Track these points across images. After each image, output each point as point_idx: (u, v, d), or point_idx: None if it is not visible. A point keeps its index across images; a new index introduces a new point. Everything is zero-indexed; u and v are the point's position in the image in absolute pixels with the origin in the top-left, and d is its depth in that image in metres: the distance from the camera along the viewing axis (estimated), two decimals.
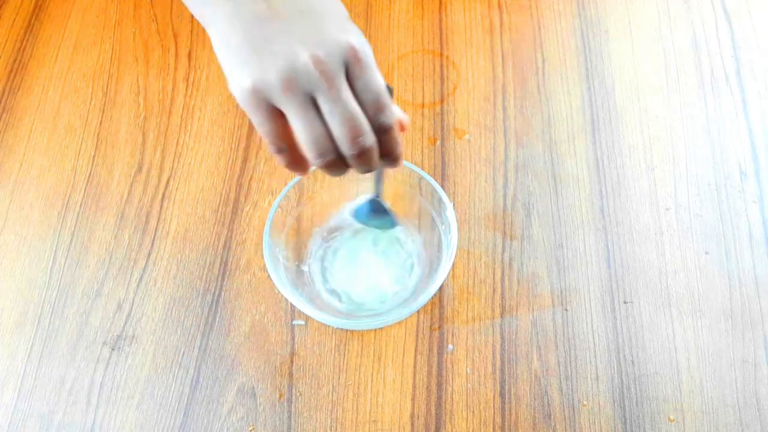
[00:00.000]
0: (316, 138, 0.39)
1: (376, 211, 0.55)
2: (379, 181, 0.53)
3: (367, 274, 0.59)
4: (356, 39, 0.39)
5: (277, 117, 0.39)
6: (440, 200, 0.56)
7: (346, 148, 0.39)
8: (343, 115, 0.38)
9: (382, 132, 0.41)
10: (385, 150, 0.42)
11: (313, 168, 0.43)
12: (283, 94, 0.38)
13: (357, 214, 0.56)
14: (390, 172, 0.58)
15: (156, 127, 0.68)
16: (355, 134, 0.39)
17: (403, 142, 0.43)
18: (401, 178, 0.59)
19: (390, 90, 0.43)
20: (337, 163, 0.41)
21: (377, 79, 0.39)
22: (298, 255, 0.60)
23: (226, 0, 0.39)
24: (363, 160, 0.41)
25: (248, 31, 0.38)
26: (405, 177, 0.59)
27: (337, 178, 0.60)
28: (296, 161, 0.42)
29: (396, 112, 0.42)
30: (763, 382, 0.55)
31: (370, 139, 0.40)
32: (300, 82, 0.37)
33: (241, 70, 0.38)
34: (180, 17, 0.75)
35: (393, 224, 0.56)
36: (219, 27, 0.40)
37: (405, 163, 0.57)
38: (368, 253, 0.61)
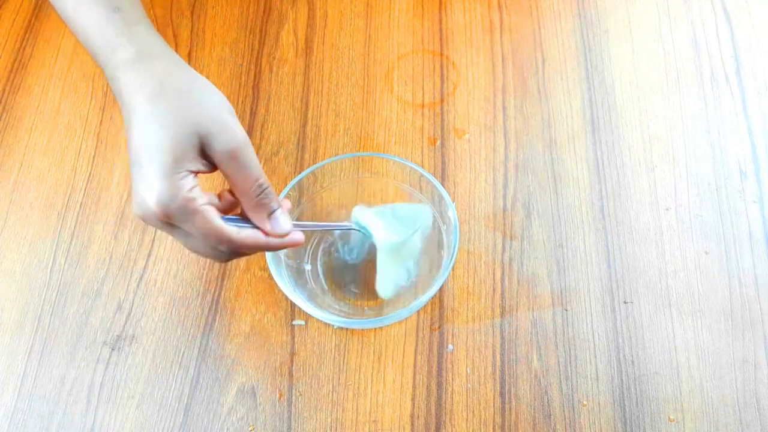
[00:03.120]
0: (195, 251, 0.44)
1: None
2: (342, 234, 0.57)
3: (366, 273, 0.59)
4: (156, 202, 0.40)
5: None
6: (441, 198, 0.56)
7: (218, 261, 0.49)
8: (187, 247, 0.44)
9: (237, 249, 0.44)
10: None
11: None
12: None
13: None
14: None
15: None
16: (205, 258, 0.46)
17: (272, 240, 0.46)
18: (402, 175, 0.59)
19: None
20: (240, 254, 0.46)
21: (198, 225, 0.41)
22: (299, 253, 0.60)
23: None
24: (241, 257, 0.48)
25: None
26: (406, 176, 0.59)
27: (337, 180, 0.60)
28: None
29: (242, 236, 0.44)
30: (763, 382, 0.55)
31: (221, 259, 0.45)
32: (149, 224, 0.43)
33: None
34: (180, 17, 0.75)
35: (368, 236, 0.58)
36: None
37: (407, 162, 0.57)
38: (368, 252, 0.61)
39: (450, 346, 0.57)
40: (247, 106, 0.69)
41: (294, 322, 0.58)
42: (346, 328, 0.58)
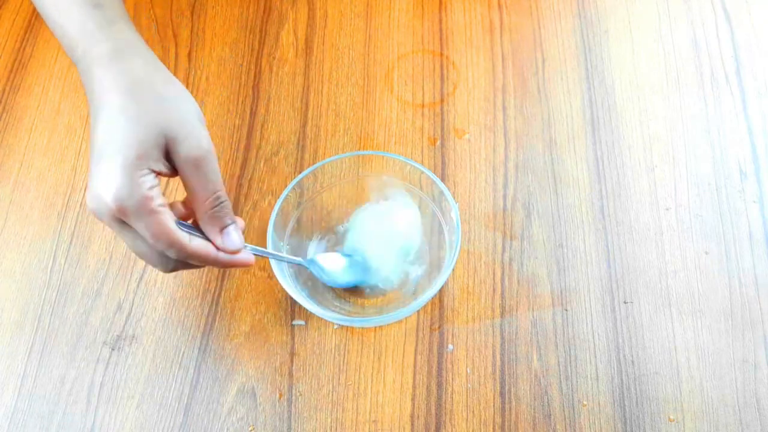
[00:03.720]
0: (139, 254, 0.44)
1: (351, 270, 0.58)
2: (319, 273, 0.56)
3: (366, 272, 0.59)
4: (114, 196, 0.40)
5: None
6: (442, 198, 0.56)
7: (161, 269, 0.45)
8: (132, 250, 0.44)
9: (184, 261, 0.44)
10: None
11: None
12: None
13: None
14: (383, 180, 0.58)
15: None
16: (152, 264, 0.44)
17: (220, 256, 0.46)
18: (403, 175, 0.59)
19: None
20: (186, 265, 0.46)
21: (152, 226, 0.41)
22: (300, 250, 0.60)
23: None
24: (191, 268, 0.47)
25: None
26: (406, 175, 0.59)
27: (337, 180, 0.60)
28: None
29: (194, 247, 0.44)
30: (763, 382, 0.55)
31: (167, 267, 0.45)
32: (99, 220, 0.42)
33: None
34: (180, 17, 0.75)
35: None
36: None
37: (408, 161, 0.57)
38: (369, 251, 0.60)
39: (450, 346, 0.57)
40: (247, 106, 0.69)
41: (294, 322, 0.58)
42: (346, 328, 0.58)
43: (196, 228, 0.45)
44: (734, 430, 0.53)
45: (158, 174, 0.42)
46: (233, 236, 0.45)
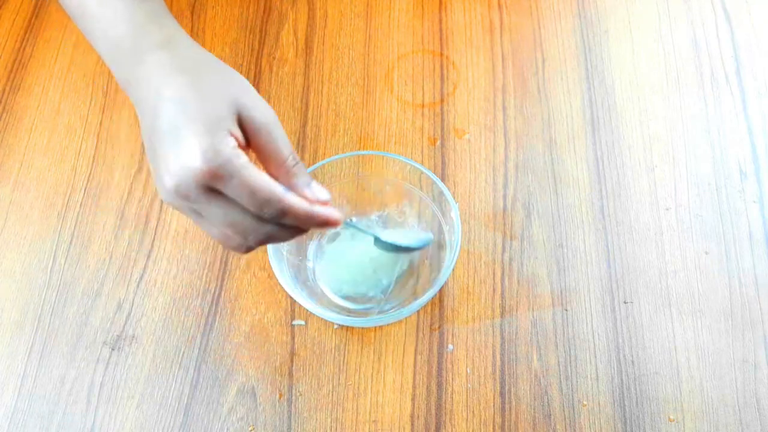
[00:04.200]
0: (218, 239, 0.42)
1: (391, 247, 0.56)
2: (361, 230, 0.54)
3: (366, 271, 0.59)
4: (207, 157, 0.38)
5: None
6: (442, 197, 0.56)
7: (244, 244, 0.42)
8: (220, 226, 0.41)
9: (279, 219, 0.42)
10: (298, 225, 0.43)
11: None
12: (175, 207, 0.41)
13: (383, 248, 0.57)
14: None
15: None
16: (241, 235, 0.41)
17: (319, 210, 0.43)
18: (403, 175, 0.59)
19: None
20: (265, 243, 0.43)
21: (244, 184, 0.39)
22: (300, 250, 0.60)
23: (143, 111, 0.43)
24: (274, 241, 0.43)
25: (147, 143, 0.42)
26: (407, 175, 0.59)
27: (337, 180, 0.60)
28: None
29: (292, 201, 0.42)
30: (763, 382, 0.55)
31: (260, 233, 0.42)
32: (175, 203, 0.40)
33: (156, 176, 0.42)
34: (180, 17, 0.75)
35: (421, 244, 0.57)
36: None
37: (411, 162, 0.57)
38: (368, 250, 0.61)
39: (450, 346, 0.57)
40: None
41: (294, 322, 0.58)
42: (346, 328, 0.58)
43: None
44: (734, 430, 0.53)
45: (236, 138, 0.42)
46: (319, 188, 0.44)
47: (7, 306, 0.60)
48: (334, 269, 0.60)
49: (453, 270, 0.59)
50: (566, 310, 0.58)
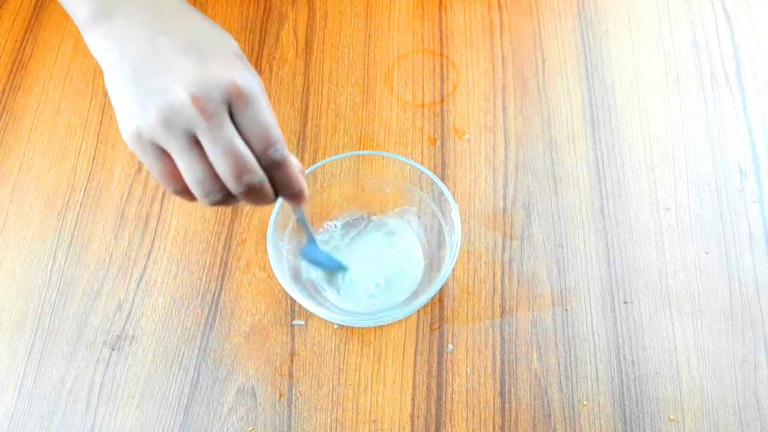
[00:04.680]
0: (199, 178, 0.38)
1: (321, 255, 0.56)
2: (303, 224, 0.53)
3: (367, 270, 0.59)
4: (240, 75, 0.38)
5: (165, 157, 0.39)
6: (442, 197, 0.56)
7: (232, 187, 0.39)
8: (223, 152, 0.38)
9: (275, 168, 0.40)
10: (281, 187, 0.41)
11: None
12: (162, 133, 0.37)
13: (306, 257, 0.57)
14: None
15: None
16: (238, 171, 0.38)
17: (303, 181, 0.43)
18: (403, 175, 0.59)
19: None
20: (227, 200, 0.40)
21: (263, 114, 0.38)
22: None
23: (114, 42, 0.39)
24: (253, 197, 0.40)
25: (133, 74, 0.38)
26: (407, 174, 0.59)
27: (337, 180, 0.60)
28: (194, 198, 0.41)
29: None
30: (763, 382, 0.55)
31: (256, 176, 0.39)
32: (178, 120, 0.37)
33: (126, 112, 0.38)
34: None
35: (340, 268, 0.58)
36: (109, 69, 0.40)
37: (411, 162, 0.57)
38: (369, 250, 0.61)
39: (450, 346, 0.57)
40: None
41: (294, 322, 0.58)
42: (346, 328, 0.58)
43: None
44: (734, 430, 0.53)
45: None
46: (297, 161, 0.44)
47: (7, 306, 0.60)
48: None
49: (453, 270, 0.59)
50: (566, 310, 0.58)
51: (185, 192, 0.40)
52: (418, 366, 0.56)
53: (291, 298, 0.57)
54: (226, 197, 0.40)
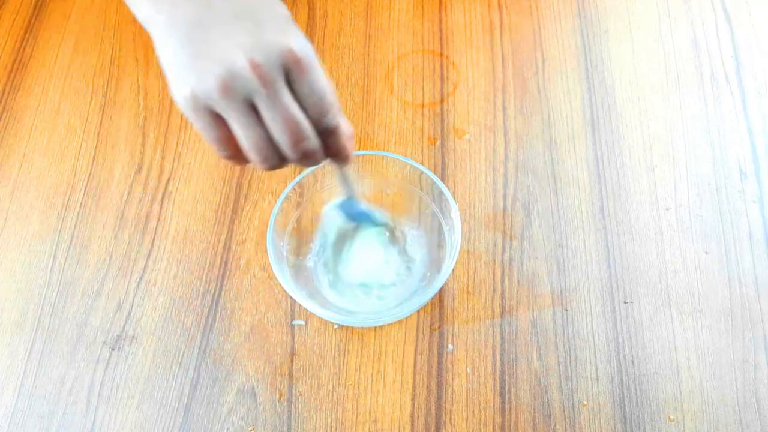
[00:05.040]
0: (257, 144, 0.39)
1: (356, 212, 0.56)
2: (345, 183, 0.52)
3: (367, 270, 0.59)
4: (296, 41, 0.38)
5: (220, 123, 0.39)
6: (442, 197, 0.56)
7: (288, 153, 0.39)
8: (282, 119, 0.38)
9: (328, 134, 0.41)
10: (332, 152, 0.42)
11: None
12: (221, 100, 0.37)
13: (340, 213, 0.57)
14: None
15: (156, 127, 0.68)
16: (296, 139, 0.39)
17: (353, 144, 0.43)
18: (403, 175, 0.59)
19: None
20: (282, 165, 0.41)
21: (320, 81, 0.39)
22: (301, 250, 0.60)
23: (165, 4, 0.39)
24: (307, 160, 0.41)
25: (186, 37, 0.38)
26: (407, 174, 0.59)
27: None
28: (242, 161, 0.42)
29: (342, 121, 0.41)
30: (763, 382, 0.55)
31: (312, 143, 0.40)
32: (237, 87, 0.37)
33: (180, 77, 0.38)
34: None
35: (376, 223, 0.57)
36: (159, 33, 0.39)
37: (411, 162, 0.57)
38: (369, 250, 0.61)
39: (450, 346, 0.57)
40: None
41: (294, 322, 0.58)
42: (346, 328, 0.58)
43: None
44: (734, 430, 0.53)
45: None
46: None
47: (7, 306, 0.60)
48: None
49: (453, 270, 0.59)
50: (566, 310, 0.58)
51: (237, 157, 0.41)
52: (418, 366, 0.56)
53: (291, 298, 0.57)
54: (281, 162, 0.41)
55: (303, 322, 0.58)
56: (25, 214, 0.65)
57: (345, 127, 0.42)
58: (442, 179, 0.64)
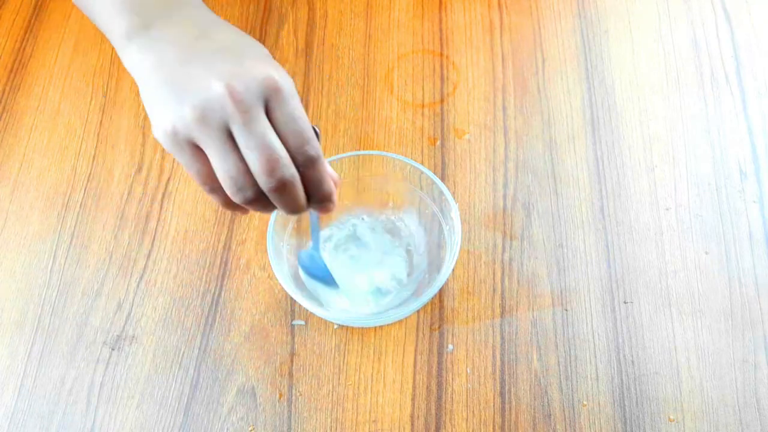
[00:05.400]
0: (231, 172, 0.38)
1: (316, 266, 0.55)
2: (314, 230, 0.52)
3: (367, 270, 0.59)
4: (276, 72, 0.38)
5: (202, 156, 0.39)
6: (442, 197, 0.56)
7: (263, 182, 0.38)
8: (258, 146, 0.37)
9: (307, 165, 0.39)
10: (310, 186, 0.40)
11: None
12: (198, 129, 0.37)
13: (300, 263, 0.56)
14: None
15: None
16: (271, 166, 0.38)
17: (332, 184, 0.42)
18: (403, 175, 0.59)
19: (317, 132, 0.42)
20: (260, 200, 0.40)
21: (298, 111, 0.39)
22: (301, 250, 0.60)
23: (150, 50, 0.40)
24: (284, 195, 0.39)
25: (169, 76, 0.39)
26: (407, 174, 0.59)
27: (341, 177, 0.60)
28: (229, 200, 0.41)
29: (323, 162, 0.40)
30: (763, 382, 0.55)
31: (288, 170, 0.38)
32: (213, 114, 0.37)
33: (160, 113, 0.38)
34: None
35: (331, 284, 0.56)
36: (144, 76, 0.40)
37: (411, 162, 0.57)
38: (368, 250, 0.61)
39: (450, 346, 0.57)
40: None
41: (294, 322, 0.58)
42: (346, 328, 0.58)
43: None
44: (734, 430, 0.53)
45: None
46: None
47: (7, 306, 0.60)
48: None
49: (453, 270, 0.59)
50: (566, 310, 0.58)
51: (220, 191, 0.40)
52: (418, 366, 0.56)
53: (291, 298, 0.57)
54: (258, 195, 0.39)
55: (303, 322, 0.58)
56: (25, 214, 0.65)
57: (327, 166, 0.41)
58: (442, 179, 0.64)
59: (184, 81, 0.38)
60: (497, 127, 0.67)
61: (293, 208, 0.41)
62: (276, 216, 0.56)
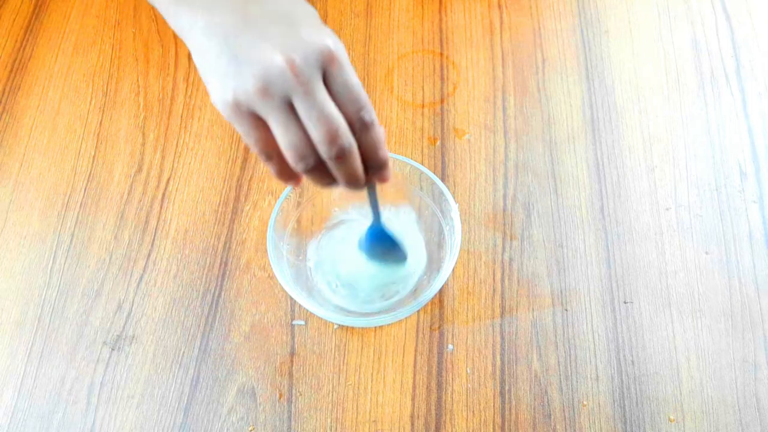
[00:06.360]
0: (294, 141, 0.39)
1: (380, 241, 0.54)
2: (374, 206, 0.52)
3: (367, 270, 0.59)
4: (331, 41, 0.39)
5: (261, 125, 0.39)
6: (442, 197, 0.56)
7: (324, 150, 0.39)
8: (319, 116, 0.38)
9: (363, 130, 0.41)
10: (367, 152, 0.41)
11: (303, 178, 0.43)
12: (260, 100, 0.38)
13: (361, 246, 0.55)
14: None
15: (156, 127, 0.68)
16: (332, 135, 0.39)
17: (387, 152, 0.43)
18: (402, 175, 0.59)
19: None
20: (320, 170, 0.41)
21: (353, 78, 0.40)
22: (300, 250, 0.60)
23: (202, 13, 0.40)
24: (344, 164, 0.40)
25: (224, 43, 0.39)
26: (407, 174, 0.59)
27: None
28: (285, 169, 0.42)
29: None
30: (763, 382, 0.55)
31: (348, 139, 0.39)
32: (276, 87, 0.37)
33: (221, 83, 0.39)
34: None
35: (401, 258, 0.56)
36: (196, 41, 0.40)
37: (411, 162, 0.57)
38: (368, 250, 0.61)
39: (450, 346, 0.57)
40: None
41: (294, 322, 0.58)
42: (346, 328, 0.58)
43: None
44: (734, 430, 0.53)
45: None
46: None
47: (7, 306, 0.60)
48: (330, 266, 0.60)
49: (453, 270, 0.59)
50: (566, 310, 0.58)
51: (278, 159, 0.41)
52: (418, 366, 0.56)
53: (291, 298, 0.57)
54: (317, 163, 0.40)
55: (303, 322, 0.58)
56: (25, 214, 0.65)
57: (383, 132, 0.42)
58: (442, 179, 0.64)
59: (242, 51, 0.38)
60: (497, 127, 0.67)
61: (352, 177, 0.42)
62: (276, 216, 0.56)
